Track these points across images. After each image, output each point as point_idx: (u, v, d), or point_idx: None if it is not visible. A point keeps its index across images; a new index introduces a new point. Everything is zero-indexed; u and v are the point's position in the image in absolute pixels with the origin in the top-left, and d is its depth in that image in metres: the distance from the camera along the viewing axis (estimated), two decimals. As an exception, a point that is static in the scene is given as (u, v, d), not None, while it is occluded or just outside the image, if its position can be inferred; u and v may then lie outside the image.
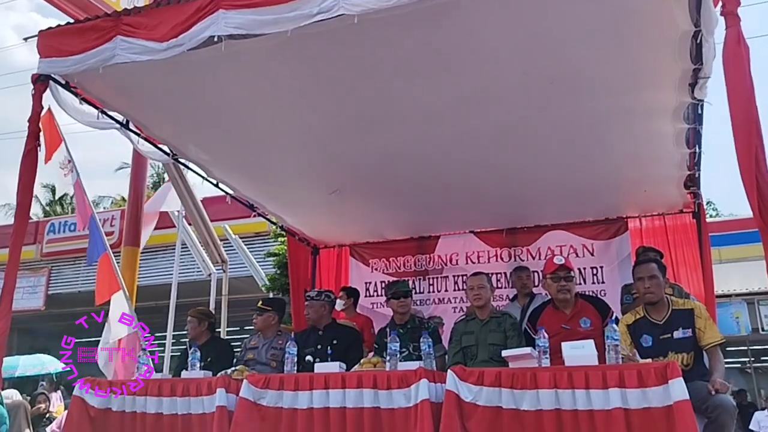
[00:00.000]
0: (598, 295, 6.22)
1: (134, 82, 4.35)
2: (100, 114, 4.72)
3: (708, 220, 6.25)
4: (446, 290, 7.14)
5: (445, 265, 7.16)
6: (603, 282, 6.45)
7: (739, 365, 14.27)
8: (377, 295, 7.29)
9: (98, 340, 6.17)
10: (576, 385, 3.00)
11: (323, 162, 5.45)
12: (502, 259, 6.90)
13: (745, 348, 13.69)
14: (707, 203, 25.44)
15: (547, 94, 4.17)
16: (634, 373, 2.93)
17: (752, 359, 14.04)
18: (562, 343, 3.29)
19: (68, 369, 10.75)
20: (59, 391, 9.71)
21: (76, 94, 4.53)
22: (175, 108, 4.72)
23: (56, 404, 8.90)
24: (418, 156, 5.16)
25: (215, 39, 3.59)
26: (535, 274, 5.98)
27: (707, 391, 3.20)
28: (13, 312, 4.22)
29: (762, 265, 2.94)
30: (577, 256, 6.54)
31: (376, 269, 7.44)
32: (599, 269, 6.50)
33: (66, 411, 5.33)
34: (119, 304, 6.03)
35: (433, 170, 5.44)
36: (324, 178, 5.78)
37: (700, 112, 4.32)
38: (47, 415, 8.16)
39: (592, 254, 6.53)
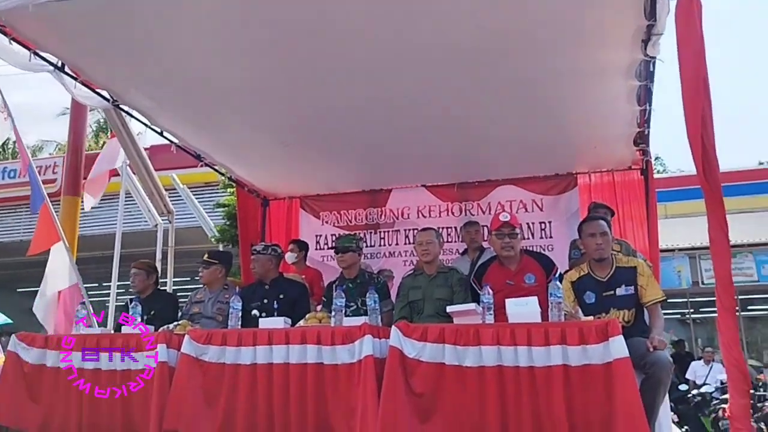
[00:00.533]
0: (546, 250, 6.33)
1: (68, 21, 4.04)
2: (32, 56, 4.43)
3: (655, 176, 6.34)
4: (397, 244, 7.13)
5: (397, 218, 7.13)
6: (551, 237, 6.53)
7: (679, 316, 14.86)
8: (327, 248, 7.22)
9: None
10: (518, 341, 3.02)
11: (273, 112, 5.26)
12: (453, 213, 6.91)
13: (685, 300, 14.23)
14: (655, 159, 26.04)
15: (498, 49, 4.08)
16: (576, 331, 2.96)
17: (691, 310, 14.63)
18: (506, 300, 3.30)
19: (9, 322, 10.46)
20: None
21: (5, 34, 4.23)
22: (115, 50, 4.43)
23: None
24: (370, 109, 5.04)
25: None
26: (485, 228, 5.99)
27: (645, 348, 3.27)
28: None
29: (705, 221, 3.00)
30: (527, 211, 6.59)
31: (327, 222, 7.36)
32: (548, 224, 6.57)
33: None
34: (59, 255, 5.82)
35: (384, 124, 5.34)
36: (273, 128, 5.60)
37: (652, 69, 4.31)
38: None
39: (542, 209, 6.59)
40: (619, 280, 3.72)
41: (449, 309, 3.58)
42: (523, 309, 3.22)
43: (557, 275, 3.87)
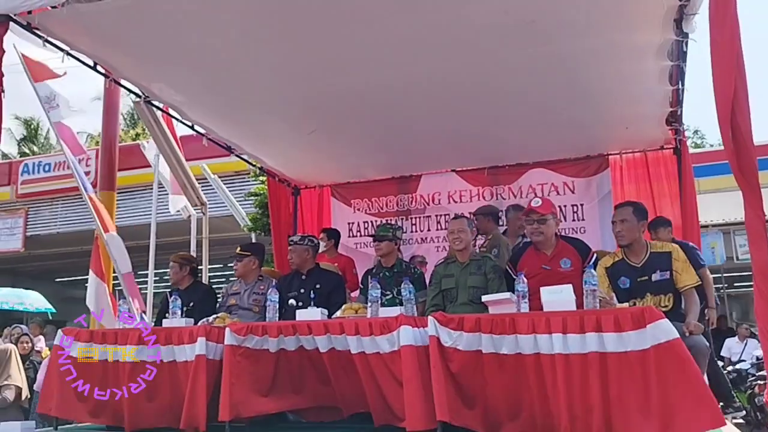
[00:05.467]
0: (579, 233, 6.30)
1: (99, 20, 4.13)
2: (65, 57, 4.53)
3: (692, 150, 6.26)
4: (429, 230, 7.15)
5: (428, 204, 7.15)
6: (583, 219, 6.49)
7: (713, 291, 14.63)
8: (360, 235, 7.29)
9: (81, 279, 6.11)
10: (554, 329, 3.04)
11: (301, 101, 5.31)
12: (484, 198, 6.89)
13: (720, 275, 14.04)
14: (694, 132, 25.45)
15: (529, 30, 4.05)
16: (611, 318, 2.96)
17: (726, 285, 14.43)
18: (541, 289, 3.31)
19: (53, 310, 10.72)
20: (43, 336, 9.67)
21: (39, 36, 4.33)
22: (144, 47, 4.52)
23: (43, 348, 8.88)
24: (399, 95, 5.06)
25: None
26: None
27: (681, 333, 3.26)
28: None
29: (739, 195, 2.95)
30: (558, 194, 6.56)
31: (358, 209, 7.40)
32: (580, 207, 6.53)
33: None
34: (114, 243, 5.91)
35: (413, 109, 5.35)
36: (302, 117, 5.64)
37: (684, 49, 4.26)
38: (30, 356, 8.14)
39: (573, 192, 6.55)
40: (654, 266, 3.71)
41: (484, 298, 3.61)
42: (557, 297, 3.23)
43: (593, 261, 3.88)
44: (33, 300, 10.35)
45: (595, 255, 4.01)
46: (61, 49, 4.48)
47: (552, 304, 3.22)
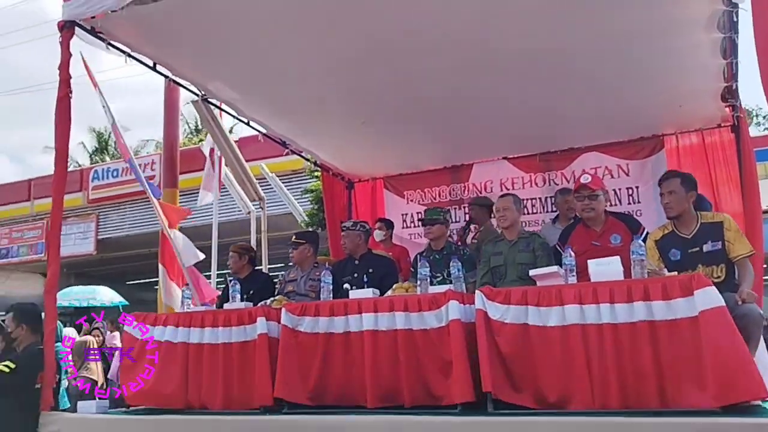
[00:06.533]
0: (635, 216, 6.19)
1: (157, 24, 4.39)
2: (127, 58, 4.80)
3: (759, 132, 6.02)
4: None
5: (480, 192, 7.14)
6: (639, 202, 6.36)
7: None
8: (414, 226, 7.37)
9: (150, 282, 6.41)
10: (601, 299, 3.05)
11: (351, 94, 5.45)
12: (536, 184, 6.87)
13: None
14: (764, 117, 24.26)
15: (576, 10, 4.06)
16: (659, 286, 2.96)
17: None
18: (588, 261, 3.32)
19: (125, 303, 11.16)
20: (118, 332, 10.09)
21: (102, 40, 4.60)
22: (200, 47, 4.76)
23: (116, 342, 9.30)
24: (447, 84, 5.11)
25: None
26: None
27: (734, 302, 3.21)
28: (68, 257, 4.47)
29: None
30: (612, 177, 6.46)
31: (411, 200, 7.48)
32: (635, 189, 6.40)
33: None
34: (179, 239, 6.19)
35: (462, 97, 5.39)
36: (353, 110, 5.78)
37: (735, 19, 4.15)
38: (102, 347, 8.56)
39: (628, 174, 6.43)
40: (705, 236, 3.65)
41: (532, 273, 3.64)
42: (605, 268, 3.24)
43: (643, 235, 3.85)
44: (104, 295, 10.83)
45: (645, 230, 3.97)
46: (123, 51, 4.76)
47: (599, 275, 3.23)
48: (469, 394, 3.18)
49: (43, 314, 4.50)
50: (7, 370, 4.20)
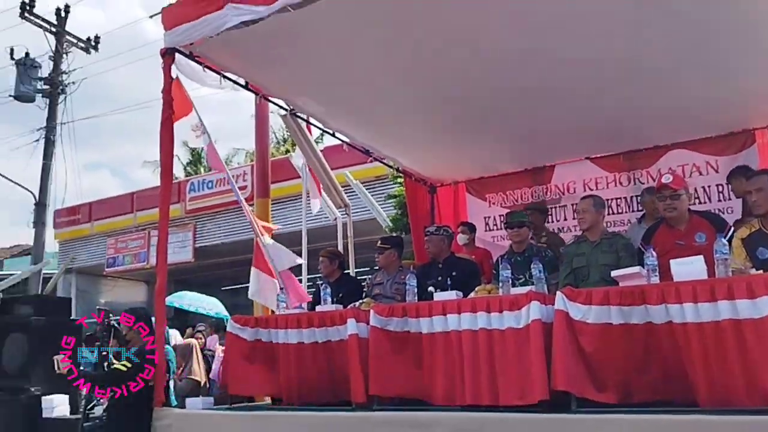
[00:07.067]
0: (726, 213, 6.01)
1: (248, 47, 4.74)
2: (222, 79, 5.18)
3: None
4: (565, 219, 7.11)
5: (563, 194, 7.12)
6: (730, 199, 6.15)
7: None
8: (497, 229, 7.43)
9: (244, 287, 6.76)
10: (684, 299, 3.07)
11: (432, 101, 5.59)
12: (621, 183, 6.78)
13: None
14: None
15: (661, 6, 4.06)
16: (744, 284, 2.95)
17: None
18: (670, 260, 3.34)
19: (227, 316, 11.71)
20: (217, 335, 10.62)
21: (200, 63, 4.99)
22: (287, 65, 5.07)
23: (216, 346, 9.81)
24: (526, 86, 5.17)
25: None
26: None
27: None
28: (169, 265, 4.86)
29: None
30: (701, 174, 6.30)
31: (493, 203, 7.55)
32: (725, 187, 6.18)
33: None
34: (271, 245, 6.54)
35: (543, 99, 5.42)
36: (435, 116, 5.92)
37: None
38: (203, 350, 9.08)
39: (717, 171, 6.24)
40: (796, 234, 3.57)
41: (614, 273, 3.67)
42: (687, 268, 3.24)
43: (729, 234, 3.80)
44: (212, 305, 11.43)
45: (732, 228, 3.92)
46: (218, 73, 5.14)
47: (682, 274, 3.24)
48: (548, 392, 3.26)
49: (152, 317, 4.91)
50: (123, 368, 4.62)
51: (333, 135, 6.41)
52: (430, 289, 4.88)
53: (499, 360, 3.60)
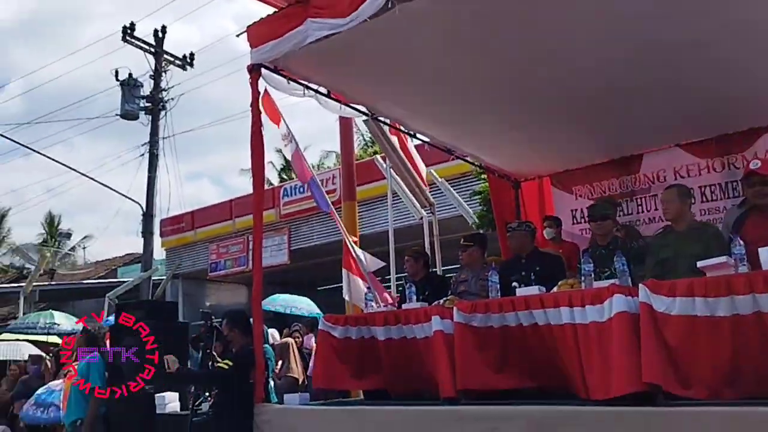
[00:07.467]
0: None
1: (328, 57, 4.93)
2: (305, 90, 5.42)
3: None
4: (656, 209, 6.89)
5: (653, 183, 6.91)
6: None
7: None
8: (584, 221, 7.29)
9: (338, 287, 7.04)
10: (773, 287, 2.98)
11: (514, 95, 5.59)
12: (714, 169, 6.50)
13: None
14: None
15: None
16: (838, 271, 2.84)
17: None
18: (759, 249, 3.24)
19: (319, 314, 12.16)
20: (312, 334, 11.04)
21: (284, 76, 5.26)
22: (368, 72, 5.25)
23: (312, 344, 10.21)
24: (610, 76, 5.08)
25: (389, 5, 4.01)
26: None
27: None
28: (266, 267, 5.17)
29: None
30: (800, 157, 5.96)
31: (580, 196, 7.43)
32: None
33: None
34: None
35: (627, 88, 5.30)
36: (516, 111, 5.91)
37: None
38: (301, 348, 9.48)
39: (818, 152, 5.90)
40: None
41: (700, 264, 3.59)
42: (778, 255, 3.14)
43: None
44: (304, 305, 11.89)
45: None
46: (302, 84, 5.39)
47: (772, 263, 3.15)
48: (633, 386, 3.25)
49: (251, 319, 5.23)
50: (226, 367, 4.95)
51: (414, 136, 6.54)
52: (514, 284, 4.91)
53: (584, 353, 3.62)
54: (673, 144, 6.71)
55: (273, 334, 9.20)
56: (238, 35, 5.31)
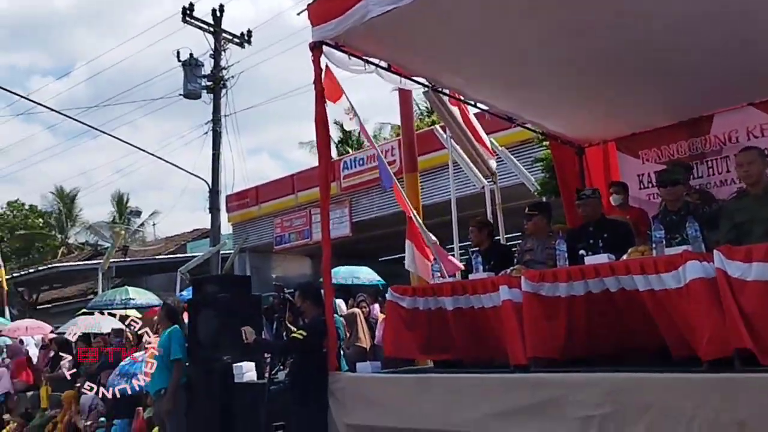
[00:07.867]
0: None
1: (388, 31, 4.95)
2: (366, 65, 5.48)
3: None
4: (728, 171, 6.68)
5: (724, 144, 6.67)
6: None
7: None
8: (652, 186, 7.15)
9: (400, 257, 7.12)
10: None
11: (575, 59, 5.45)
12: (790, 128, 6.26)
13: None
14: None
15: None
16: None
17: None
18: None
19: (381, 281, 12.34)
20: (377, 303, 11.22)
21: (345, 52, 5.32)
22: (427, 44, 5.26)
23: (378, 313, 10.38)
24: (678, 31, 4.92)
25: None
26: None
27: None
28: (331, 239, 5.31)
29: None
30: None
31: (647, 160, 7.25)
32: None
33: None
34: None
35: (697, 43, 5.12)
36: (578, 75, 5.78)
37: None
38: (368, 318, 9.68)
39: None
40: None
41: (777, 227, 3.51)
42: None
43: None
44: (365, 274, 12.12)
45: None
46: (361, 58, 5.44)
47: None
48: (714, 352, 3.23)
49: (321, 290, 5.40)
50: (300, 337, 5.14)
51: (474, 105, 6.52)
52: (581, 252, 4.89)
53: (660, 319, 3.61)
54: (746, 103, 6.45)
55: (340, 305, 9.42)
56: (298, 14, 5.39)
